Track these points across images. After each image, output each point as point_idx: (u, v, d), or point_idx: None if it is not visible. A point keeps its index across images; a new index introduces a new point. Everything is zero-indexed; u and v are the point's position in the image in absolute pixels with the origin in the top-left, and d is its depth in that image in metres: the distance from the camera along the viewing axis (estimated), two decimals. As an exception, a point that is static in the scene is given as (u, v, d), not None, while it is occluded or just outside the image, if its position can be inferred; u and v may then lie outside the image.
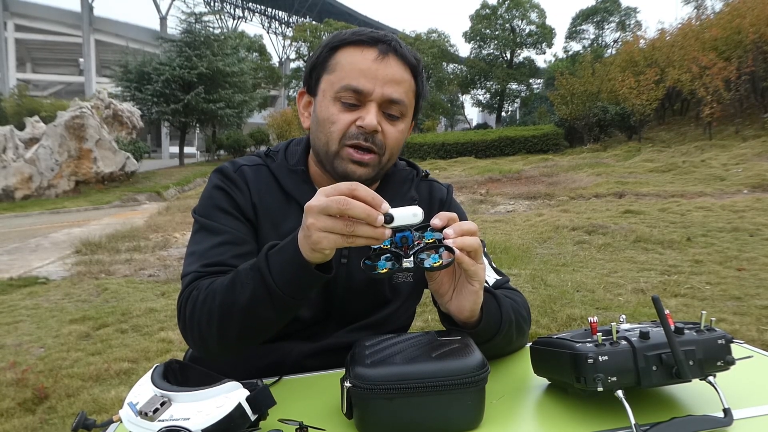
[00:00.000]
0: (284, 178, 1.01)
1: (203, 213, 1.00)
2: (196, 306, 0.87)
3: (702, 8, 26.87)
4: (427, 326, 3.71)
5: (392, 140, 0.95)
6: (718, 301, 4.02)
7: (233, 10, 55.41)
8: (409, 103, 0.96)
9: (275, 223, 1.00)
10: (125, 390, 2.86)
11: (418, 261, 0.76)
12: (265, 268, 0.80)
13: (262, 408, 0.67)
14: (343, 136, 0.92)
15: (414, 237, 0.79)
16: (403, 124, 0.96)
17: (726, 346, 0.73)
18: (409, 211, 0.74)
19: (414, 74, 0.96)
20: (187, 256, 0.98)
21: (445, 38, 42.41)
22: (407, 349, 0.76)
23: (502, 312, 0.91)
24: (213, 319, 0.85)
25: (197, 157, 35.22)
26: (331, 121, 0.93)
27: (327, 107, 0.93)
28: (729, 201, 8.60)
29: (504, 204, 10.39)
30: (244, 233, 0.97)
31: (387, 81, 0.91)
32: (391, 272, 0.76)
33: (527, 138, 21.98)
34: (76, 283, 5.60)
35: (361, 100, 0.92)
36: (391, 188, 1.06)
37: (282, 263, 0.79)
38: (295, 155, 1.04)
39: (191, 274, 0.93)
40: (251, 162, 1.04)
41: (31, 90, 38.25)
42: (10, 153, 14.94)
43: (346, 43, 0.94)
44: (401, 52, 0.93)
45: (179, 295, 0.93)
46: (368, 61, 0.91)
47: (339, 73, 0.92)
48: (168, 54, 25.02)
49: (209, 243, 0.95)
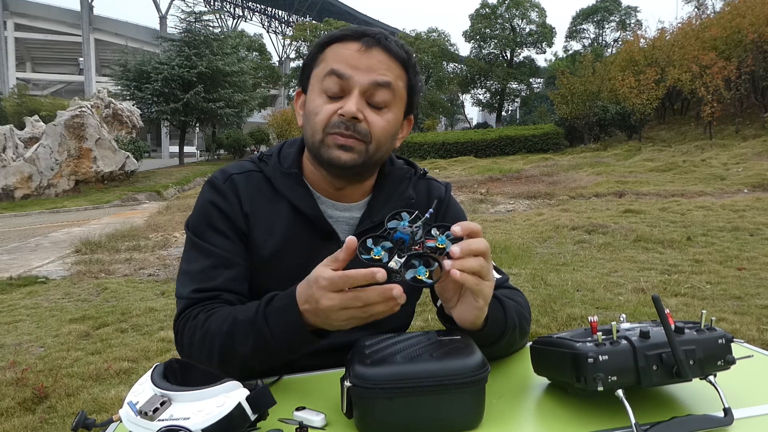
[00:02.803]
0: (278, 181, 1.01)
1: (195, 231, 1.00)
2: (194, 342, 0.89)
3: (702, 7, 26.87)
4: (427, 326, 3.71)
5: (378, 129, 0.93)
6: (719, 300, 4.02)
7: (233, 10, 55.45)
8: (398, 94, 0.95)
9: (269, 228, 1.00)
10: (125, 389, 2.87)
11: (406, 264, 0.72)
12: (266, 330, 0.82)
13: (262, 407, 0.67)
14: (326, 125, 0.92)
15: (417, 235, 0.74)
16: (391, 114, 0.94)
17: (726, 346, 0.73)
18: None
19: (405, 67, 0.95)
20: (181, 274, 0.99)
21: (445, 37, 42.44)
22: (407, 349, 0.76)
23: (506, 317, 0.91)
24: (214, 359, 0.87)
25: (197, 157, 35.26)
26: (315, 112, 0.93)
27: (313, 100, 0.94)
28: (729, 200, 8.60)
29: (504, 203, 10.39)
30: (235, 254, 0.98)
31: (369, 69, 0.91)
32: (379, 264, 0.71)
33: (527, 137, 22.01)
34: (76, 283, 5.60)
35: (344, 88, 0.91)
36: (389, 187, 1.05)
37: (283, 330, 0.82)
38: (289, 158, 1.03)
39: (184, 300, 0.95)
40: (242, 169, 1.03)
41: (30, 89, 38.29)
42: (9, 152, 14.95)
43: (334, 40, 0.94)
44: (387, 45, 0.92)
45: (175, 318, 0.96)
46: (351, 51, 0.91)
47: (324, 65, 0.93)
48: (167, 53, 25.05)
49: (201, 265, 0.97)
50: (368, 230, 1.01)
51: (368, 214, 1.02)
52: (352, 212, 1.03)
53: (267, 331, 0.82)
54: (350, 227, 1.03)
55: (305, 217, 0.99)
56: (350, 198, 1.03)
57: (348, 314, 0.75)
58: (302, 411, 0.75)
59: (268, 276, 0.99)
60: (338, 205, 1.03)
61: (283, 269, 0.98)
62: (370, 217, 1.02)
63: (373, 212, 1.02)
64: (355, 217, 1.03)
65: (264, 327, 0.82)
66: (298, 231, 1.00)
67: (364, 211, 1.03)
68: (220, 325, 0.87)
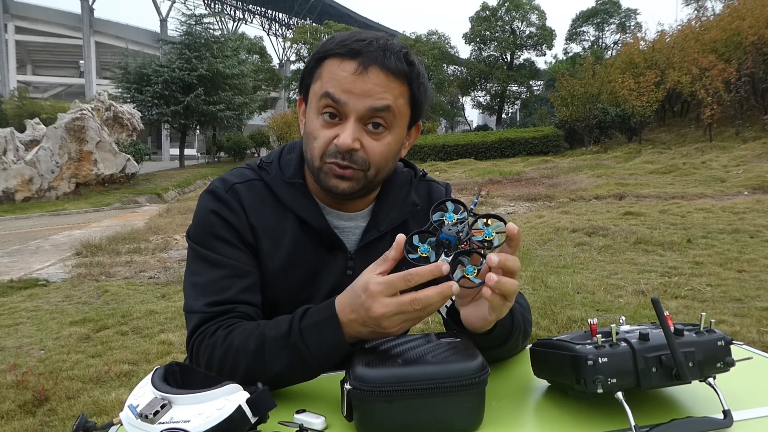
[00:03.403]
0: (282, 192, 0.98)
1: (200, 241, 0.95)
2: (214, 361, 0.85)
3: (702, 10, 26.90)
4: (427, 327, 3.71)
5: (376, 155, 0.90)
6: (719, 302, 4.02)
7: (233, 12, 55.52)
8: (400, 113, 0.91)
9: (276, 240, 0.97)
10: (126, 392, 2.86)
11: (453, 262, 0.70)
12: (302, 345, 0.80)
13: (262, 410, 0.67)
14: (323, 153, 0.90)
15: (463, 232, 0.71)
16: (390, 136, 0.91)
17: (725, 348, 0.73)
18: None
19: (407, 80, 0.90)
20: (189, 287, 0.94)
21: (445, 40, 42.49)
22: (408, 351, 0.76)
23: (513, 321, 0.89)
24: (237, 376, 0.82)
25: (198, 159, 35.27)
26: (314, 136, 0.90)
27: (312, 120, 0.91)
28: (729, 203, 8.60)
29: (504, 206, 10.40)
30: (246, 263, 0.94)
31: (365, 94, 0.86)
32: (427, 263, 0.70)
33: (527, 140, 22.00)
34: (77, 285, 5.60)
35: (340, 111, 0.88)
36: (392, 193, 1.04)
37: (321, 344, 0.79)
38: (290, 165, 1.00)
39: (197, 315, 0.90)
40: (243, 178, 0.99)
41: (31, 92, 38.32)
42: (10, 155, 14.95)
43: (330, 54, 0.89)
44: (385, 63, 0.86)
45: (189, 336, 0.91)
46: (346, 74, 0.86)
47: (320, 83, 0.90)
48: (168, 56, 25.08)
49: (211, 276, 0.92)
50: (374, 240, 1.01)
51: (374, 224, 1.01)
52: (358, 221, 1.02)
53: (303, 347, 0.79)
54: (356, 237, 1.02)
55: (311, 229, 0.97)
56: (354, 206, 1.01)
57: (402, 318, 0.74)
58: (302, 414, 0.75)
59: (276, 289, 0.97)
60: (343, 215, 1.01)
61: (291, 281, 0.97)
62: (377, 227, 1.01)
63: (379, 221, 1.01)
64: (361, 226, 1.02)
65: (300, 343, 0.80)
66: (304, 242, 0.97)
67: (369, 221, 1.02)
68: (244, 342, 0.83)
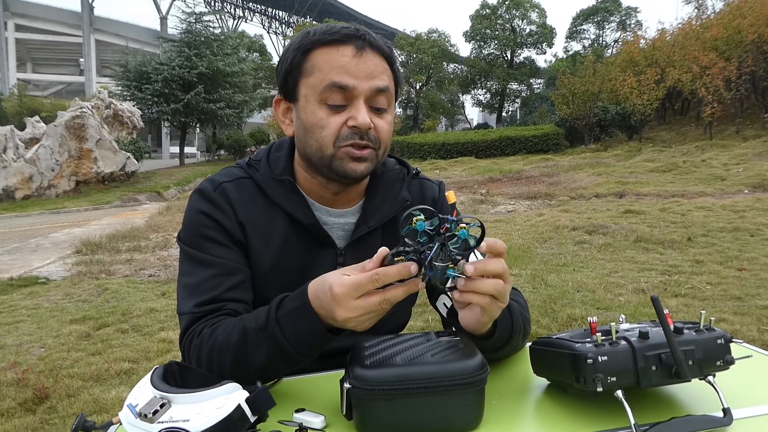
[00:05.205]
0: (271, 189, 0.98)
1: (190, 242, 0.96)
2: (202, 359, 0.86)
3: (702, 8, 26.85)
4: (427, 326, 3.72)
5: (385, 133, 0.93)
6: (719, 301, 4.02)
7: (233, 10, 55.48)
8: (391, 92, 0.95)
9: (265, 237, 0.97)
10: (126, 390, 2.87)
11: (435, 267, 0.69)
12: (280, 335, 0.80)
13: (262, 409, 0.67)
14: (336, 138, 0.90)
15: (441, 251, 0.70)
16: (390, 115, 0.95)
17: (725, 346, 0.73)
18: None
19: (389, 63, 0.94)
20: (180, 288, 0.95)
21: (445, 38, 42.38)
22: (407, 350, 0.76)
23: (513, 322, 0.89)
24: (225, 372, 0.84)
25: (198, 157, 35.27)
26: (321, 125, 0.90)
27: (313, 112, 0.90)
28: (729, 201, 8.60)
29: (504, 204, 10.39)
30: (235, 261, 0.95)
31: (368, 75, 0.89)
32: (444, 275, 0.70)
33: (528, 138, 21.98)
34: (77, 283, 5.60)
35: (347, 98, 0.89)
36: (382, 189, 1.04)
37: (298, 332, 0.79)
38: (279, 162, 1.00)
39: (187, 316, 0.92)
40: (231, 177, 1.00)
41: (31, 90, 38.28)
42: (10, 153, 14.95)
43: (320, 44, 0.90)
44: (376, 45, 0.91)
45: (180, 336, 0.93)
46: (347, 57, 0.88)
47: (319, 75, 0.89)
48: (168, 54, 25.04)
49: (200, 276, 0.93)
50: (364, 236, 1.01)
51: (363, 220, 1.01)
52: (347, 218, 1.02)
53: (281, 336, 0.80)
54: (346, 233, 1.02)
55: (301, 226, 0.98)
56: (344, 202, 1.02)
57: (368, 317, 0.74)
58: (302, 413, 0.75)
59: (267, 286, 0.97)
60: (332, 212, 1.01)
61: (281, 278, 0.97)
62: (366, 223, 1.01)
63: (369, 217, 1.01)
64: (350, 223, 1.02)
65: (278, 333, 0.80)
66: (294, 239, 0.98)
67: (359, 217, 1.02)
68: (227, 337, 0.84)
